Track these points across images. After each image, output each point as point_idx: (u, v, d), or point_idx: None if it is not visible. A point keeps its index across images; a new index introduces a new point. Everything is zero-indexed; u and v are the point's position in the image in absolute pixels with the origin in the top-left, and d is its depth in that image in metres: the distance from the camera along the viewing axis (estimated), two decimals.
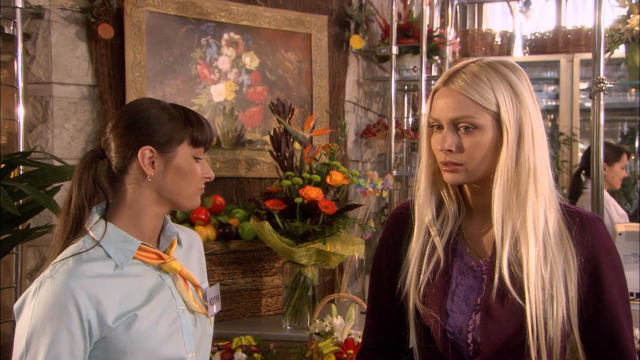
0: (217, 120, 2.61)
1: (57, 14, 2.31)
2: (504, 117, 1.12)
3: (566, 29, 4.66)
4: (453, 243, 1.23)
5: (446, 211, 1.24)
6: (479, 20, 5.45)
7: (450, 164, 1.15)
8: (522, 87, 1.15)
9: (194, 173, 1.28)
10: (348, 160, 3.00)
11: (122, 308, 1.19)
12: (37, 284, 1.16)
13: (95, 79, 2.37)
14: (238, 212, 2.51)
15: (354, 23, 3.01)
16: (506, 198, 1.13)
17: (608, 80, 2.40)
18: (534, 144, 1.14)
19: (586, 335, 1.16)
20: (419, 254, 1.23)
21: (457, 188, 1.25)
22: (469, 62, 1.18)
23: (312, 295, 2.31)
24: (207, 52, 2.59)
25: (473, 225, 1.25)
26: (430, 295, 1.20)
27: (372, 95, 3.45)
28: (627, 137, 5.36)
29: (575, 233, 1.16)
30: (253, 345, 1.98)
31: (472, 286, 1.20)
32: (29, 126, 2.28)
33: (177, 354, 1.25)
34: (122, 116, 1.27)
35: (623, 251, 2.46)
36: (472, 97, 1.12)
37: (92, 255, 1.20)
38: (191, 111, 1.31)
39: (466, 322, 1.18)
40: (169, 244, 1.34)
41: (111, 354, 1.18)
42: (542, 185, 1.14)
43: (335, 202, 2.27)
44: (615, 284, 1.18)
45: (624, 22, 2.41)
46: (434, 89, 1.19)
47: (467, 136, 1.13)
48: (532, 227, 1.13)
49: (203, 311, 1.33)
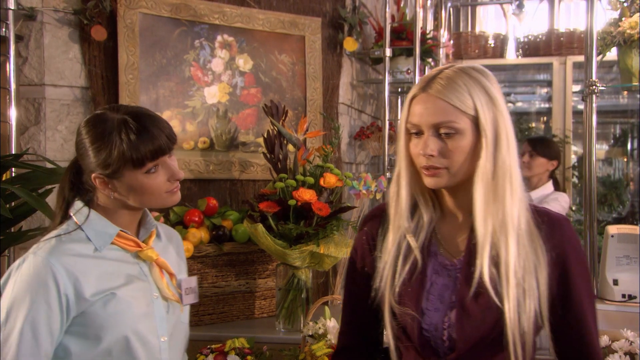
0: (210, 122, 2.60)
1: (49, 16, 2.30)
2: (482, 121, 1.16)
3: (559, 32, 4.68)
4: (427, 244, 1.27)
5: (420, 214, 1.28)
6: (472, 23, 5.48)
7: (432, 169, 1.19)
8: (496, 92, 1.20)
9: (150, 187, 1.30)
10: (342, 162, 3.01)
11: (100, 286, 1.28)
12: (21, 260, 1.26)
13: (88, 80, 2.36)
14: (231, 214, 2.50)
15: (348, 25, 3.02)
16: (486, 199, 1.18)
17: (600, 82, 2.41)
18: (509, 147, 1.19)
19: (556, 329, 1.22)
20: (394, 256, 1.26)
21: (432, 191, 1.28)
22: (443, 68, 1.22)
23: (305, 298, 2.30)
24: (200, 54, 2.59)
25: (446, 226, 1.29)
26: (406, 294, 1.24)
27: (365, 98, 3.46)
28: (620, 139, 5.39)
29: (545, 231, 1.21)
30: (246, 348, 1.98)
31: (446, 284, 1.24)
32: (21, 128, 2.27)
33: (149, 336, 1.33)
34: (77, 137, 1.33)
35: (615, 253, 2.47)
36: (452, 102, 1.16)
37: (73, 237, 1.30)
38: (137, 125, 1.26)
39: (442, 320, 1.22)
40: (147, 235, 1.42)
41: (90, 328, 1.26)
42: (516, 185, 1.19)
43: (329, 204, 2.27)
44: (583, 281, 1.24)
45: (616, 24, 2.42)
46: (412, 96, 1.22)
47: (448, 140, 1.17)
48: (511, 227, 1.17)
49: (176, 299, 1.41)
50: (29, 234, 1.93)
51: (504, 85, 5.21)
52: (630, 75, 2.45)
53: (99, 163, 1.27)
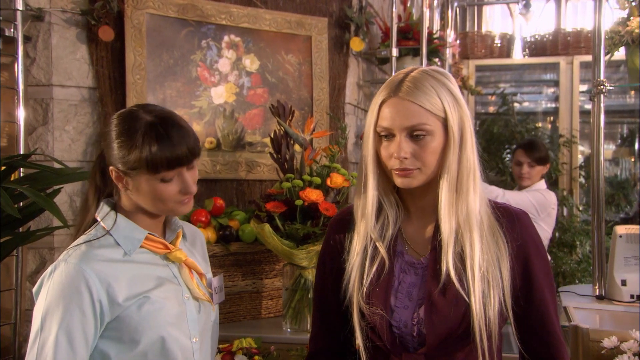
0: (217, 123, 2.61)
1: (57, 17, 2.31)
2: (450, 122, 1.20)
3: (566, 31, 4.67)
4: (393, 244, 1.29)
5: (386, 215, 1.30)
6: (479, 23, 5.46)
7: (405, 170, 1.21)
8: (458, 92, 1.24)
9: (160, 194, 1.29)
10: (348, 162, 3.00)
11: (132, 290, 1.28)
12: (52, 268, 1.25)
13: (95, 81, 2.37)
14: (238, 214, 2.51)
15: (354, 25, 3.01)
16: (451, 197, 1.22)
17: (608, 82, 2.40)
18: (473, 145, 1.24)
19: (519, 319, 1.27)
20: (362, 257, 1.29)
21: (395, 193, 1.31)
22: (408, 71, 1.24)
23: (312, 298, 2.30)
24: (207, 55, 2.59)
25: (411, 226, 1.32)
26: (374, 294, 1.26)
27: (372, 98, 3.45)
28: (627, 139, 5.37)
29: (505, 225, 1.26)
30: (254, 348, 1.98)
31: (413, 282, 1.27)
32: (29, 128, 2.28)
33: (182, 337, 1.33)
34: (105, 127, 1.34)
35: (623, 253, 2.45)
36: (423, 104, 1.19)
37: (102, 242, 1.30)
38: (162, 132, 1.26)
39: (410, 316, 1.24)
40: (174, 236, 1.42)
41: (124, 332, 1.26)
42: (478, 182, 1.24)
43: (336, 204, 2.27)
44: (543, 272, 1.28)
45: (624, 24, 2.41)
46: (381, 100, 1.23)
47: (420, 142, 1.20)
48: (475, 222, 1.22)
49: (207, 298, 1.41)
50: (37, 234, 1.94)
51: (510, 85, 5.19)
52: (638, 74, 2.44)
53: (118, 157, 1.27)
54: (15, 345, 2.16)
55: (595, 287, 2.57)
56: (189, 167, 1.31)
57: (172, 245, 1.38)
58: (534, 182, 3.43)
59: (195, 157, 1.31)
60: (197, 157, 1.32)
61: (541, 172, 3.44)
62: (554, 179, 4.57)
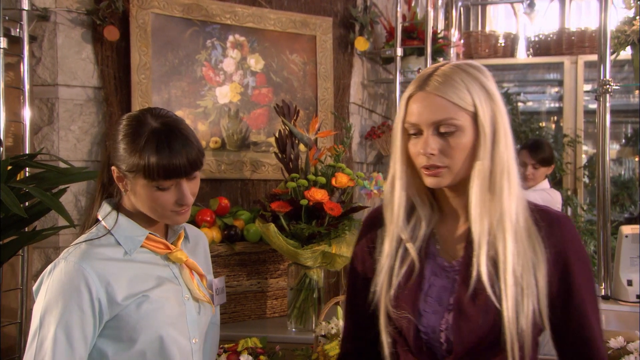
0: (222, 122, 2.61)
1: (62, 16, 2.31)
2: (481, 117, 1.15)
3: (570, 31, 4.65)
4: (425, 246, 1.24)
5: (418, 215, 1.25)
6: (483, 22, 5.45)
7: (433, 168, 1.16)
8: (493, 87, 1.19)
9: (155, 201, 1.28)
10: (352, 162, 3.00)
11: (132, 289, 1.28)
12: (52, 266, 1.26)
13: (100, 81, 2.37)
14: (243, 214, 2.51)
15: (359, 25, 3.01)
16: (483, 197, 1.16)
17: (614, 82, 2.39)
18: (507, 143, 1.17)
19: (557, 331, 1.19)
20: (391, 259, 1.24)
21: (430, 192, 1.26)
22: (438, 66, 1.19)
23: (317, 298, 2.30)
24: (212, 54, 2.59)
25: (445, 227, 1.26)
26: (403, 297, 1.21)
27: (376, 97, 3.45)
28: (631, 138, 5.35)
29: (544, 230, 1.18)
30: (259, 348, 1.98)
31: (444, 286, 1.22)
32: (35, 128, 2.28)
33: (181, 337, 1.33)
34: (114, 125, 1.35)
35: (629, 253, 2.45)
36: (451, 98, 1.14)
37: (103, 241, 1.30)
38: (164, 140, 1.25)
39: (439, 322, 1.19)
40: (176, 237, 1.42)
41: (122, 331, 1.26)
42: (514, 182, 1.17)
43: (341, 204, 2.26)
44: (585, 280, 1.20)
45: (630, 23, 2.40)
46: (408, 95, 1.19)
47: (448, 138, 1.15)
48: (509, 224, 1.15)
49: (207, 300, 1.41)
50: (43, 234, 1.94)
51: (514, 85, 5.18)
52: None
53: (120, 158, 1.28)
54: (20, 345, 2.16)
55: (601, 287, 2.56)
56: (189, 178, 1.29)
57: (173, 246, 1.38)
58: (537, 183, 3.43)
59: (196, 169, 1.29)
60: (197, 169, 1.30)
61: (545, 173, 3.44)
62: (558, 179, 4.56)
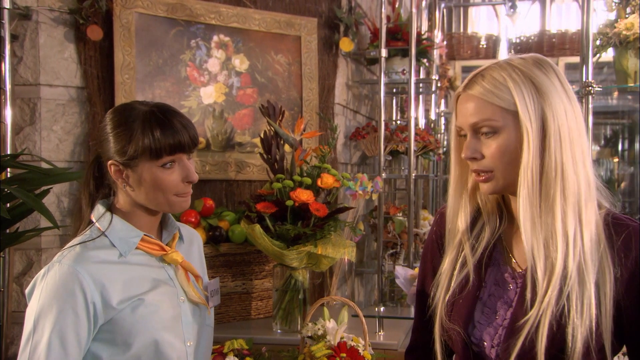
0: (206, 123, 2.59)
1: (45, 15, 2.28)
2: (522, 116, 1.05)
3: (550, 33, 4.71)
4: (489, 253, 1.18)
5: (483, 220, 1.19)
6: (465, 24, 5.50)
7: (480, 173, 1.11)
8: (547, 82, 1.07)
9: (162, 183, 1.27)
10: (337, 162, 3.00)
11: (127, 293, 1.26)
12: (46, 269, 1.24)
13: (83, 80, 2.35)
14: (228, 214, 2.49)
15: (344, 26, 3.01)
16: (533, 202, 1.06)
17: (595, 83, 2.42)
18: (562, 142, 1.05)
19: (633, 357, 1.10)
20: (451, 264, 1.20)
21: (499, 196, 1.20)
22: (492, 63, 1.13)
23: (302, 299, 2.30)
24: (196, 54, 2.58)
25: (512, 233, 1.19)
26: (457, 305, 1.16)
27: (361, 98, 3.46)
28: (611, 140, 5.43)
29: (618, 245, 1.08)
30: (245, 349, 1.97)
31: (504, 299, 1.15)
32: (17, 128, 2.25)
33: (176, 341, 1.32)
34: (100, 124, 1.33)
35: None
36: (488, 98, 1.07)
37: (97, 244, 1.28)
38: (162, 117, 1.26)
39: (492, 336, 1.13)
40: (171, 238, 1.40)
41: (117, 335, 1.25)
42: (571, 186, 1.06)
43: (326, 204, 2.26)
44: None
45: (612, 26, 2.43)
46: (456, 96, 1.15)
47: (489, 140, 1.09)
48: (562, 233, 1.05)
49: (202, 301, 1.40)
50: (27, 235, 1.92)
51: None
52: (625, 76, 2.47)
53: (117, 149, 1.25)
54: (1, 347, 2.13)
55: None
56: (189, 157, 1.31)
57: (169, 247, 1.36)
58: None
59: (196, 145, 1.31)
60: (197, 146, 1.31)
61: None
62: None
